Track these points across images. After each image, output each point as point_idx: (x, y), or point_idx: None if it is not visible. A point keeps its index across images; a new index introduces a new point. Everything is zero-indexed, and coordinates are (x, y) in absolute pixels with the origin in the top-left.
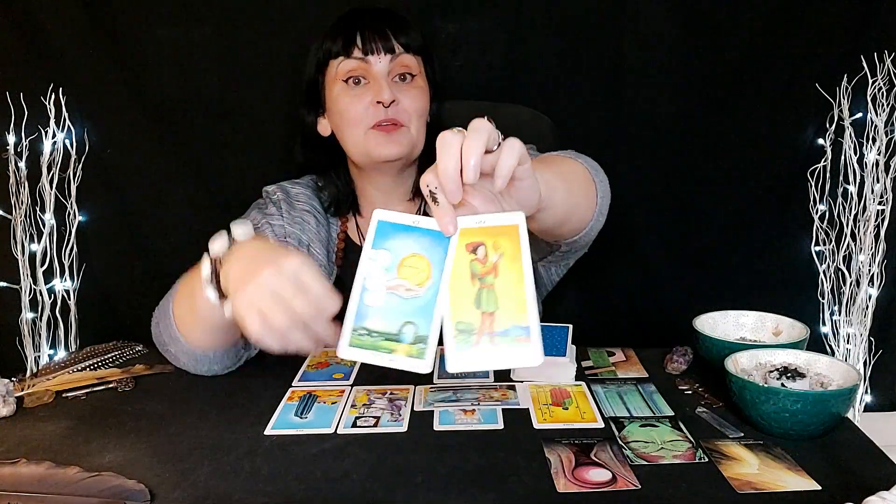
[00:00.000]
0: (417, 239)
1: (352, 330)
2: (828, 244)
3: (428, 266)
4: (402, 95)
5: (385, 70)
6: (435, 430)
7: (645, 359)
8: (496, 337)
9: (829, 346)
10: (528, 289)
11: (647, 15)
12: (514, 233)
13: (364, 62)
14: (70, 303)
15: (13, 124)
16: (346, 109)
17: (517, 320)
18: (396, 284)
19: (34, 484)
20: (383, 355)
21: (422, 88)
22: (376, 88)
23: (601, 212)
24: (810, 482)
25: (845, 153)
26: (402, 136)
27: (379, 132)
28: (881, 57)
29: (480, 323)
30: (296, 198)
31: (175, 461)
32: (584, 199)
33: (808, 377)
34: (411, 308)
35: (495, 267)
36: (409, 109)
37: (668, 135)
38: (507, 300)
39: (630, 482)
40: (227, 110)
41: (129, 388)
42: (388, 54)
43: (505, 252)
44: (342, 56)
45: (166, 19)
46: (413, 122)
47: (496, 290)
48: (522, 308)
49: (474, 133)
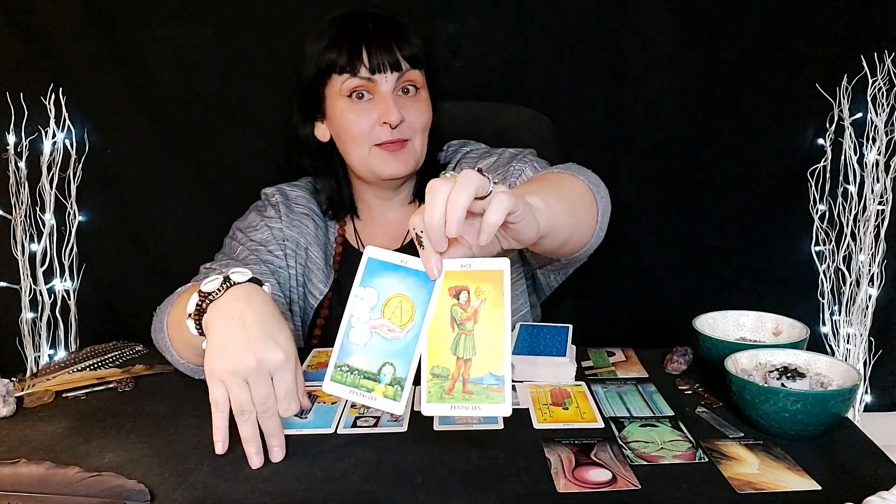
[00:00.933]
0: (403, 279)
1: (335, 366)
2: (828, 244)
3: (411, 308)
4: (407, 111)
5: (391, 87)
6: (435, 430)
7: (645, 359)
8: (469, 384)
9: (829, 346)
10: (506, 338)
11: (647, 15)
12: (499, 279)
13: (371, 81)
14: (70, 303)
15: (13, 124)
16: (350, 126)
17: (492, 369)
18: (380, 324)
19: (34, 484)
20: (364, 393)
21: (425, 100)
22: (383, 108)
23: (602, 227)
24: (810, 482)
25: (845, 153)
26: (407, 155)
27: (384, 151)
28: (881, 57)
29: (455, 368)
30: (295, 201)
31: (175, 461)
32: (585, 218)
33: (808, 377)
34: (391, 349)
35: (476, 313)
36: (415, 124)
37: (668, 135)
38: (484, 349)
39: (630, 482)
40: (227, 110)
41: (129, 388)
42: (394, 72)
43: (487, 298)
44: (347, 74)
45: (166, 19)
46: (417, 136)
47: (475, 336)
48: (499, 357)
49: (460, 187)
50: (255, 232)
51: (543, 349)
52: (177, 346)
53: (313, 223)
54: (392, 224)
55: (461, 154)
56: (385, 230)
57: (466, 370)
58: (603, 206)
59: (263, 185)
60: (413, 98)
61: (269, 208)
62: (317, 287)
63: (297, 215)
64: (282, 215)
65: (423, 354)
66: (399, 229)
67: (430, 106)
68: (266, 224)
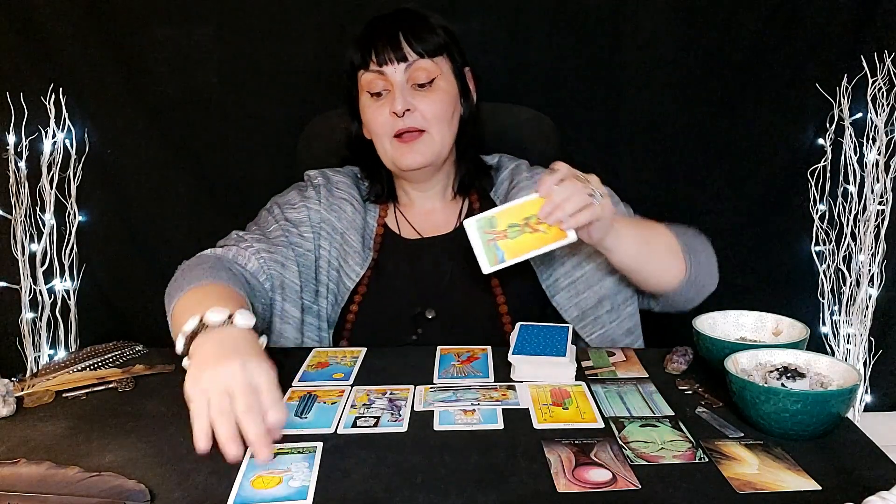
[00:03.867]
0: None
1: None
2: (828, 244)
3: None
4: (419, 101)
5: (402, 79)
6: (435, 430)
7: (645, 359)
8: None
9: (829, 346)
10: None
11: (647, 15)
12: (561, 235)
13: (381, 74)
14: (70, 303)
15: (13, 124)
16: (370, 121)
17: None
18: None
19: (34, 484)
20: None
21: (443, 91)
22: (391, 99)
23: (692, 283)
24: (810, 482)
25: (845, 153)
26: (423, 145)
27: (400, 143)
28: (881, 57)
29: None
30: (336, 185)
31: (175, 461)
32: (662, 264)
33: (808, 377)
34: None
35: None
36: (428, 115)
37: (668, 135)
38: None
39: (630, 482)
40: (227, 110)
41: (129, 388)
42: (401, 63)
43: (549, 230)
44: (363, 69)
45: (166, 19)
46: (434, 127)
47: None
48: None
49: (588, 213)
50: (292, 210)
51: (543, 349)
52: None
53: (352, 207)
54: (431, 213)
55: (526, 174)
56: (425, 218)
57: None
58: (696, 268)
59: (263, 184)
60: (427, 89)
61: (310, 189)
62: (353, 269)
63: (336, 199)
64: (322, 198)
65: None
66: (440, 219)
67: (450, 95)
68: (304, 205)
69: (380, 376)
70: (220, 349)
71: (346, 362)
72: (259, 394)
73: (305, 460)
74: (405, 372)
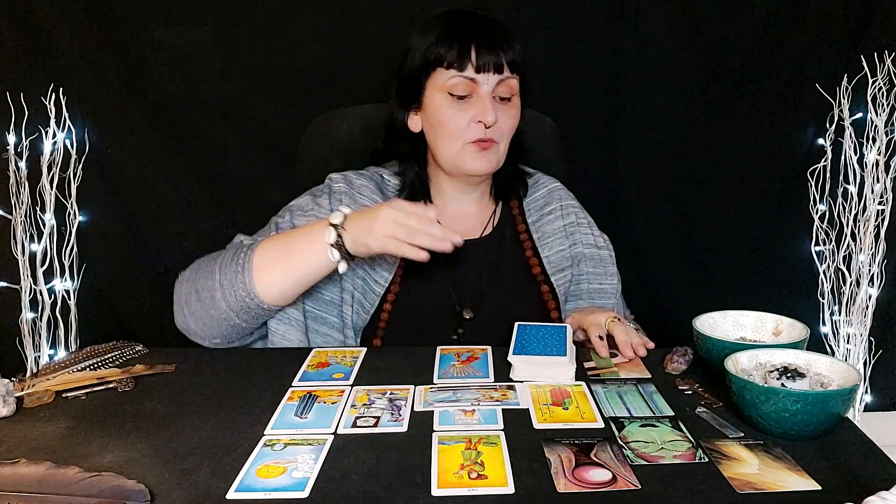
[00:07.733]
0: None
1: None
2: (828, 244)
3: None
4: (501, 114)
5: (490, 89)
6: (435, 430)
7: (645, 359)
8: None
9: (829, 346)
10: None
11: (647, 15)
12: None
13: (473, 81)
14: (70, 303)
15: (13, 124)
16: (447, 122)
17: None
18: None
19: (34, 484)
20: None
21: (517, 107)
22: (481, 108)
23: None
24: (810, 482)
25: (845, 153)
26: (493, 154)
27: (475, 148)
28: (881, 57)
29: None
30: (359, 190)
31: (175, 461)
32: None
33: (808, 377)
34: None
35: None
36: (504, 128)
37: (668, 135)
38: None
39: (630, 482)
40: (227, 110)
41: (129, 388)
42: (496, 73)
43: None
44: (455, 69)
45: (166, 19)
46: (504, 139)
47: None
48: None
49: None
50: (303, 218)
51: (543, 349)
52: (266, 285)
53: None
54: (465, 215)
55: (563, 200)
56: (457, 220)
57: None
58: None
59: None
60: (507, 104)
61: (324, 196)
62: (381, 275)
63: (358, 205)
64: (343, 204)
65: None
66: (473, 221)
67: (519, 112)
68: (315, 214)
69: (380, 376)
70: (365, 214)
71: (346, 362)
72: (413, 211)
73: (313, 452)
74: (405, 372)
